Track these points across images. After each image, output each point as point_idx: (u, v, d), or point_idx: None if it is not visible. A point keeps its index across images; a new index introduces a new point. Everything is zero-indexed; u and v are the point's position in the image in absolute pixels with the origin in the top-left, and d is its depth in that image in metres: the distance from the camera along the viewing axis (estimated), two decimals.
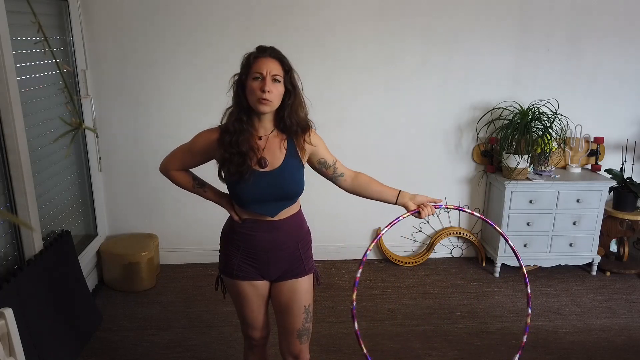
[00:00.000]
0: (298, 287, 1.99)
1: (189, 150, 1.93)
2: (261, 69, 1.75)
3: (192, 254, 3.88)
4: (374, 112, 3.71)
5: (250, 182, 1.81)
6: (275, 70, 1.77)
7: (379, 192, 2.03)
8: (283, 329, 2.05)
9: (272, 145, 1.86)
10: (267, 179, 1.83)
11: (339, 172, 2.00)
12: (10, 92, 2.42)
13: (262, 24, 3.45)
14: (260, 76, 1.75)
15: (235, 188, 1.85)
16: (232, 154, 1.79)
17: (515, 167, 3.50)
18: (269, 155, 1.84)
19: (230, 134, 1.80)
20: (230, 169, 1.80)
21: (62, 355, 2.62)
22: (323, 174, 2.01)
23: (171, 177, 1.99)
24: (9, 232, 2.58)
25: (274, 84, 1.76)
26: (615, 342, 2.97)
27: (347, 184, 2.03)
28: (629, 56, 3.73)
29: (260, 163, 1.83)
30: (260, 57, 1.78)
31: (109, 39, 3.42)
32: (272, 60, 1.78)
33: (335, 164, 1.99)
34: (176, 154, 1.97)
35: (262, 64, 1.76)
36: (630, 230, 3.71)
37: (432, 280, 3.69)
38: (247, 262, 1.94)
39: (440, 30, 3.58)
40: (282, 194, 1.87)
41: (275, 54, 1.80)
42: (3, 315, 1.84)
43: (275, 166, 1.85)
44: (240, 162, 1.79)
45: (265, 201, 1.86)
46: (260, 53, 1.79)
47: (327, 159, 1.97)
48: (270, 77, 1.75)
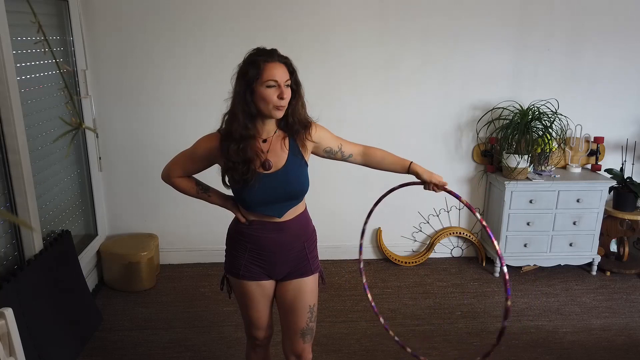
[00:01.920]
0: (304, 286, 1.99)
1: (191, 157, 1.92)
2: (275, 75, 1.72)
3: (192, 254, 3.88)
4: (374, 112, 3.70)
5: (255, 186, 1.80)
6: (286, 75, 1.76)
7: (392, 164, 2.04)
8: (287, 328, 2.04)
9: (275, 146, 1.85)
10: (272, 181, 1.83)
11: (347, 153, 2.01)
12: (10, 92, 2.42)
13: (263, 24, 3.45)
14: (275, 84, 1.73)
15: (241, 193, 1.85)
16: (236, 163, 1.78)
17: (515, 167, 3.51)
18: (273, 157, 1.84)
19: (236, 142, 1.77)
20: (235, 176, 1.80)
21: (62, 355, 2.62)
22: (333, 159, 2.03)
23: (174, 184, 1.98)
24: (9, 232, 2.58)
25: (286, 90, 1.76)
26: (615, 342, 2.97)
27: (357, 161, 2.06)
28: (629, 56, 3.73)
29: (265, 165, 1.82)
30: (269, 62, 1.73)
31: (109, 39, 3.42)
32: (282, 66, 1.76)
33: (342, 147, 1.99)
34: (177, 161, 1.95)
35: (274, 71, 1.72)
36: (630, 230, 3.71)
37: (432, 280, 3.69)
38: (254, 262, 1.94)
39: (441, 30, 3.57)
40: (287, 194, 1.86)
41: (283, 58, 1.78)
42: (3, 315, 1.84)
43: (279, 167, 1.84)
44: (244, 170, 1.78)
45: (271, 203, 1.86)
46: (269, 57, 1.75)
47: (332, 146, 1.98)
48: (284, 84, 1.74)
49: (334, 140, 1.98)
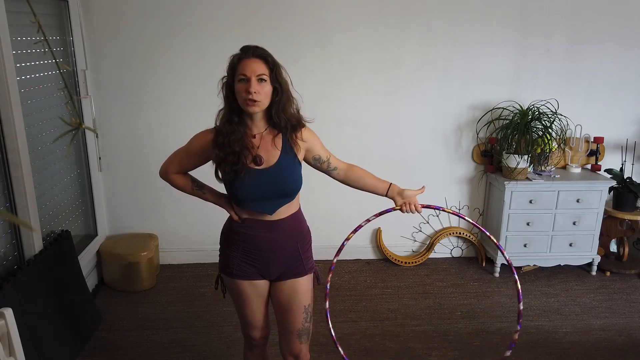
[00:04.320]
0: (298, 286, 1.99)
1: (186, 152, 1.96)
2: (245, 70, 1.75)
3: (192, 254, 3.88)
4: (374, 112, 3.70)
5: (245, 180, 1.83)
6: (260, 70, 1.76)
7: (371, 185, 2.08)
8: (283, 329, 2.05)
9: (266, 143, 1.87)
10: (264, 177, 1.85)
11: (333, 166, 2.04)
12: (10, 92, 2.42)
13: (263, 25, 3.44)
14: (245, 77, 1.75)
15: (232, 187, 1.87)
16: (227, 154, 1.81)
17: (515, 167, 3.50)
18: (264, 153, 1.86)
19: (223, 135, 1.82)
20: (226, 168, 1.83)
21: (62, 355, 2.62)
22: (318, 169, 2.05)
23: (171, 180, 2.02)
24: (9, 232, 2.58)
25: (260, 84, 1.76)
26: (615, 342, 2.97)
27: (340, 177, 2.09)
28: (628, 56, 3.73)
29: (256, 161, 1.84)
30: (244, 58, 1.77)
31: (109, 39, 3.42)
32: (256, 61, 1.77)
33: (329, 159, 2.02)
34: (174, 158, 2.00)
35: (246, 66, 1.76)
36: (630, 230, 3.71)
37: (432, 280, 3.69)
38: (247, 261, 1.95)
39: (441, 30, 3.57)
40: (279, 191, 1.88)
41: (259, 52, 1.79)
42: (3, 315, 1.84)
43: (271, 163, 1.86)
44: (234, 161, 1.81)
45: (262, 199, 1.87)
46: (244, 54, 1.78)
47: (322, 154, 2.00)
48: (256, 78, 1.75)
49: (324, 150, 2.01)
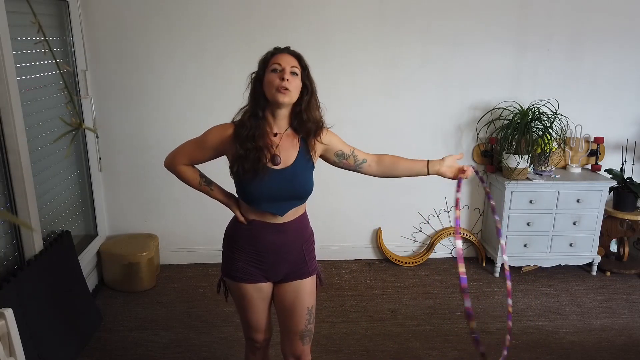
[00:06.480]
0: (302, 288, 1.98)
1: (200, 144, 1.90)
2: (280, 60, 1.80)
3: (192, 254, 3.88)
4: (374, 112, 3.70)
5: (264, 179, 1.80)
6: (293, 63, 1.81)
7: (408, 169, 2.03)
8: (285, 330, 2.04)
9: (286, 143, 1.86)
10: (279, 177, 1.83)
11: (360, 159, 1.99)
12: (11, 92, 2.42)
13: (263, 25, 3.44)
14: (279, 67, 1.78)
15: (248, 186, 1.83)
16: (248, 150, 1.79)
17: (515, 167, 3.50)
18: (282, 153, 1.84)
19: (247, 129, 1.80)
20: (245, 165, 1.79)
21: (62, 355, 2.62)
22: (345, 166, 1.99)
23: (177, 172, 1.95)
24: (9, 232, 2.58)
25: (292, 77, 1.79)
26: (615, 342, 2.97)
27: (372, 169, 2.02)
28: (629, 56, 3.73)
29: (274, 160, 1.83)
30: (278, 52, 1.83)
31: (109, 39, 3.42)
32: (290, 56, 1.83)
33: (354, 153, 1.98)
34: (185, 149, 1.93)
35: (281, 58, 1.81)
36: (630, 230, 3.71)
37: (432, 280, 3.69)
38: (252, 264, 1.93)
39: (441, 30, 3.57)
40: (292, 193, 1.86)
41: (293, 51, 1.86)
42: (3, 315, 1.84)
43: (287, 164, 1.84)
44: (256, 159, 1.79)
45: (276, 200, 1.85)
46: (279, 50, 1.85)
47: (344, 150, 1.97)
48: (289, 69, 1.79)
49: (346, 146, 1.98)
